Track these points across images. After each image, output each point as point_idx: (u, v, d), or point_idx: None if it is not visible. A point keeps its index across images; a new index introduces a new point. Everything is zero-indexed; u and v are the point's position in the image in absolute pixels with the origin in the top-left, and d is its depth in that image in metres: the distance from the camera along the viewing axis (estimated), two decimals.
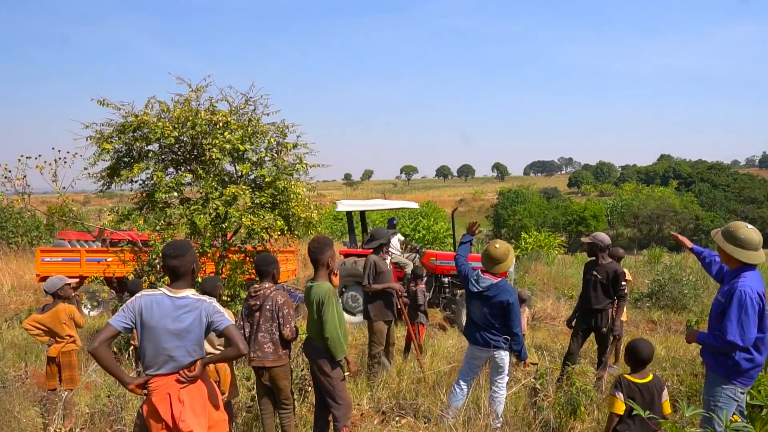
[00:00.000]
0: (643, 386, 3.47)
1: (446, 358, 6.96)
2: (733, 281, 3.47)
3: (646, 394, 3.45)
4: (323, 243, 4.09)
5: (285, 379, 4.23)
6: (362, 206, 10.70)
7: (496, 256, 4.64)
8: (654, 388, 3.48)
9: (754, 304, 3.35)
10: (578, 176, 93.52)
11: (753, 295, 3.37)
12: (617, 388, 3.49)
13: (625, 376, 3.56)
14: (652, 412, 3.17)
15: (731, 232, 3.61)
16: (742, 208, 47.94)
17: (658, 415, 3.34)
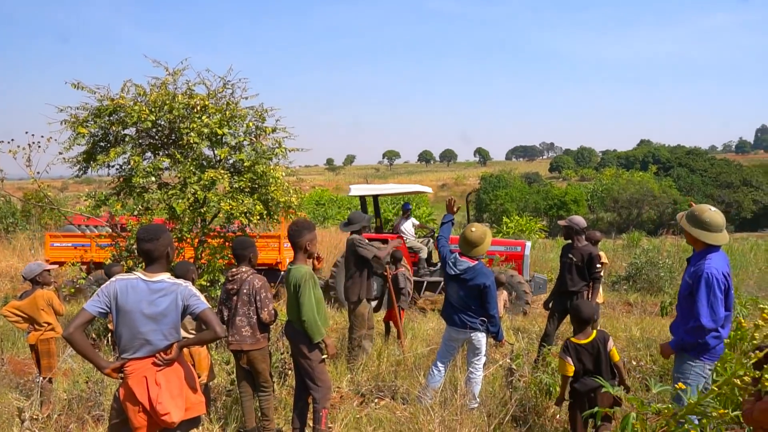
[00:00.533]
0: (588, 345, 3.84)
1: (426, 340, 7.04)
2: (700, 263, 3.55)
3: (592, 350, 3.83)
4: (302, 226, 4.11)
5: (263, 362, 4.25)
6: (375, 191, 10.75)
7: (473, 240, 4.68)
8: (598, 343, 3.84)
9: (720, 284, 3.44)
10: (559, 161, 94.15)
11: (719, 276, 3.46)
12: (565, 351, 3.87)
13: (571, 339, 3.92)
14: (600, 365, 3.74)
15: (696, 216, 3.68)
16: (718, 193, 48.70)
17: (606, 365, 3.79)
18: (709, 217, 3.62)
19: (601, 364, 3.83)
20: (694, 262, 3.65)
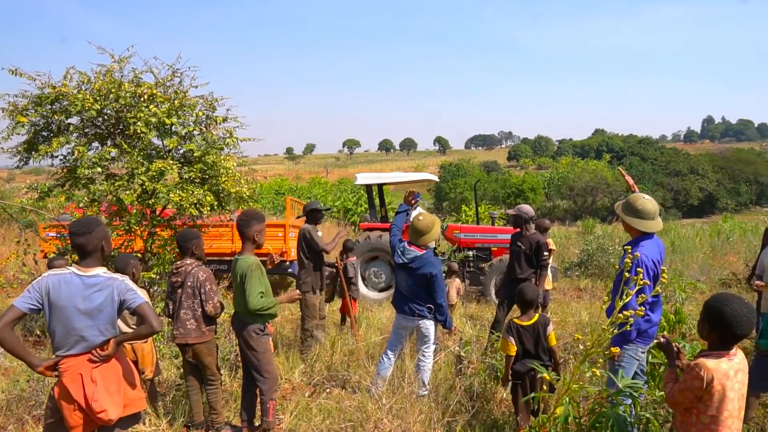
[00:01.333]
0: (530, 327, 4.04)
1: (380, 329, 7.08)
2: (632, 250, 3.66)
3: (533, 333, 4.03)
4: (250, 217, 4.09)
5: (209, 356, 4.21)
6: (381, 179, 10.69)
7: (420, 228, 4.72)
8: (539, 326, 4.05)
9: (649, 271, 3.55)
10: (518, 150, 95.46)
11: (648, 263, 3.57)
12: (509, 332, 4.05)
13: (514, 320, 4.09)
14: (539, 346, 3.97)
15: (630, 204, 3.80)
16: (668, 181, 50.26)
17: (544, 347, 4.02)
18: (641, 205, 3.73)
19: (539, 346, 4.04)
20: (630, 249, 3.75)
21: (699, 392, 2.45)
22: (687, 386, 2.48)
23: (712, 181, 51.66)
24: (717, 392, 2.42)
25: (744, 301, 2.53)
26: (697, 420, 2.50)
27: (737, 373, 2.48)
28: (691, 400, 2.49)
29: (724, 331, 2.47)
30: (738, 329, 2.44)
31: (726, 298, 2.53)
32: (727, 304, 2.48)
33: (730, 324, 2.44)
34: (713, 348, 2.54)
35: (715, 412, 2.45)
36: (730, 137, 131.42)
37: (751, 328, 2.52)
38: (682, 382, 2.51)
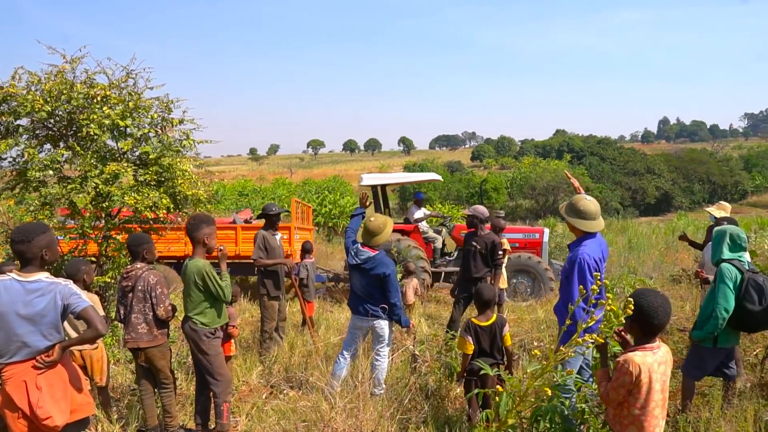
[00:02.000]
0: (487, 327, 4.13)
1: (339, 330, 7.12)
2: (576, 249, 3.79)
3: (489, 333, 4.12)
4: (198, 221, 4.09)
5: (162, 359, 4.19)
6: (386, 179, 10.74)
7: (372, 229, 4.79)
8: (496, 326, 4.14)
9: (591, 269, 3.68)
10: (481, 150, 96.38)
11: (591, 261, 3.70)
12: (467, 331, 4.14)
13: (473, 320, 4.18)
14: (494, 346, 4.07)
15: (573, 205, 3.93)
16: (626, 180, 51.49)
17: (499, 346, 4.12)
18: (583, 206, 3.87)
19: (495, 345, 4.13)
20: (572, 248, 3.89)
21: (629, 386, 2.59)
22: (619, 383, 2.62)
23: (667, 181, 53.11)
24: (644, 384, 2.57)
25: (659, 293, 2.72)
26: (628, 413, 2.64)
27: (661, 365, 2.63)
28: (624, 395, 2.63)
29: (644, 322, 2.63)
30: (655, 319, 2.61)
31: (642, 292, 2.71)
32: (643, 297, 2.66)
33: (648, 315, 2.61)
34: (638, 342, 2.68)
35: (643, 403, 2.60)
36: (684, 138, 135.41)
37: (667, 317, 2.69)
38: (614, 379, 2.64)
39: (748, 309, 3.99)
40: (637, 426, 2.63)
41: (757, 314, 3.98)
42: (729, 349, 4.25)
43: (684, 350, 5.71)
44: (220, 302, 4.08)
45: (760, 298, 3.98)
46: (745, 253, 4.22)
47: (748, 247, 11.19)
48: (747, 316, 4.01)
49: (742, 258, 4.18)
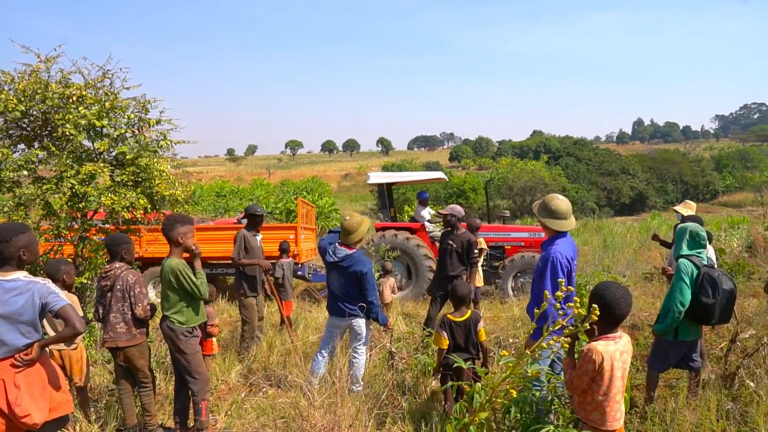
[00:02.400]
0: (462, 323, 4.26)
1: (318, 329, 7.17)
2: (548, 248, 3.90)
3: (464, 328, 4.25)
4: (173, 220, 4.14)
5: (141, 358, 4.22)
6: (393, 178, 10.86)
7: (347, 227, 4.87)
8: (470, 322, 4.28)
9: (563, 267, 3.80)
10: (459, 151, 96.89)
11: (562, 260, 3.81)
12: (442, 327, 4.27)
13: (448, 316, 4.31)
14: (469, 341, 4.20)
15: (545, 204, 4.04)
16: (601, 180, 52.22)
17: (473, 342, 4.25)
18: (555, 205, 3.98)
19: (470, 341, 4.25)
20: (545, 248, 4.00)
21: (593, 374, 2.73)
22: (582, 370, 2.75)
23: (642, 181, 53.94)
24: (607, 372, 2.70)
25: (620, 286, 2.86)
26: (592, 399, 2.78)
27: (622, 354, 2.77)
28: (587, 383, 2.76)
29: (606, 313, 2.77)
30: (616, 309, 2.74)
31: (604, 285, 2.86)
32: (605, 289, 2.80)
33: (609, 305, 2.74)
34: (601, 332, 2.81)
35: (606, 390, 2.74)
36: (658, 139, 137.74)
37: (627, 308, 2.83)
38: (579, 367, 2.78)
39: (703, 302, 4.17)
40: (599, 411, 2.76)
41: (711, 307, 4.16)
42: (691, 342, 4.41)
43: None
44: (196, 301, 4.12)
45: (713, 291, 4.15)
46: (704, 250, 4.40)
47: (718, 245, 11.45)
48: (702, 309, 4.19)
49: (700, 254, 4.36)
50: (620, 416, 2.82)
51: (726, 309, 4.23)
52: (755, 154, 67.57)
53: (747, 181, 52.82)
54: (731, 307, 4.29)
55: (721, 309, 4.17)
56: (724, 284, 4.17)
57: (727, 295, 4.19)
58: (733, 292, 4.26)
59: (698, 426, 3.99)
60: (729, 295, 4.20)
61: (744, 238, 14.91)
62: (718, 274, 4.21)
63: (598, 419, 2.79)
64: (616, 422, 2.80)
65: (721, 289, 4.13)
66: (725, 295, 4.17)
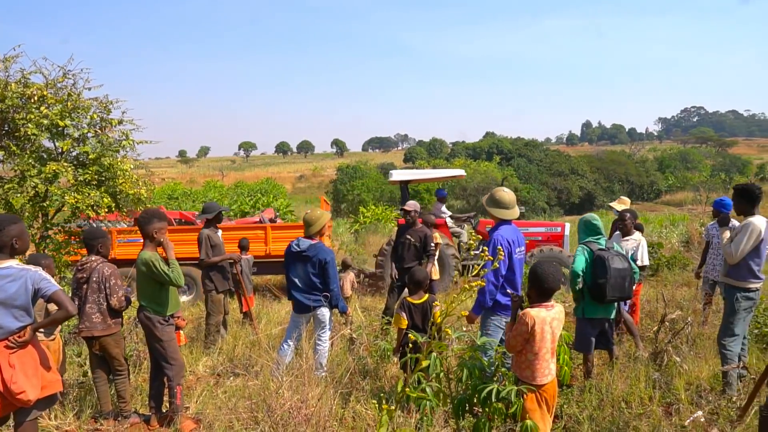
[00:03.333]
0: (419, 305, 4.63)
1: (280, 323, 7.43)
2: (493, 233, 4.38)
3: (422, 310, 4.62)
4: (151, 215, 4.38)
5: (116, 347, 4.43)
6: (413, 176, 11.19)
7: (307, 220, 5.22)
8: (427, 305, 4.64)
9: (504, 249, 4.27)
10: (413, 152, 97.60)
11: (503, 242, 4.30)
12: (401, 308, 4.63)
13: (407, 298, 4.67)
14: (426, 322, 4.52)
15: (491, 195, 4.56)
16: (551, 180, 53.76)
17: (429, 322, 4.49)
18: (499, 196, 4.51)
19: (427, 321, 4.61)
20: (491, 233, 4.46)
21: (526, 335, 3.16)
22: (517, 332, 3.19)
23: (590, 181, 55.76)
24: (537, 333, 3.14)
25: (551, 264, 3.35)
26: (525, 359, 3.23)
27: (553, 320, 3.23)
28: (521, 343, 3.20)
29: (538, 284, 3.23)
30: (545, 282, 3.20)
31: (539, 262, 3.35)
32: (539, 265, 3.27)
33: (539, 278, 3.20)
34: (535, 301, 3.27)
35: (536, 350, 3.17)
36: (605, 140, 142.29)
37: (555, 281, 3.25)
38: (514, 329, 3.23)
39: (597, 282, 4.67)
40: (531, 369, 3.22)
41: (603, 285, 4.64)
42: (600, 321, 4.87)
43: None
44: (170, 290, 4.36)
45: (604, 271, 4.62)
46: (600, 237, 4.90)
47: (659, 240, 12.13)
48: (597, 287, 4.68)
49: (598, 240, 4.88)
50: (548, 373, 3.27)
51: (619, 286, 4.65)
52: (695, 156, 70.83)
53: (687, 181, 55.26)
54: (625, 284, 4.68)
55: (614, 286, 4.61)
56: (614, 264, 4.62)
57: (619, 273, 4.63)
58: (625, 270, 4.68)
59: (629, 394, 4.48)
60: (620, 273, 4.64)
61: (682, 234, 15.86)
62: (608, 255, 4.68)
63: (530, 375, 3.25)
64: (544, 378, 3.25)
65: (611, 268, 4.60)
66: (616, 274, 4.61)
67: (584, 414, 4.19)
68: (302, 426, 3.77)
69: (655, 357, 5.40)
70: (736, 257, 4.58)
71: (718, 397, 4.52)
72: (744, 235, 4.53)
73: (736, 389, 4.57)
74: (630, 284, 4.71)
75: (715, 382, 4.82)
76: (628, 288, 4.68)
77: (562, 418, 4.31)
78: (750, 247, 4.52)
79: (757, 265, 4.59)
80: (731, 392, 4.53)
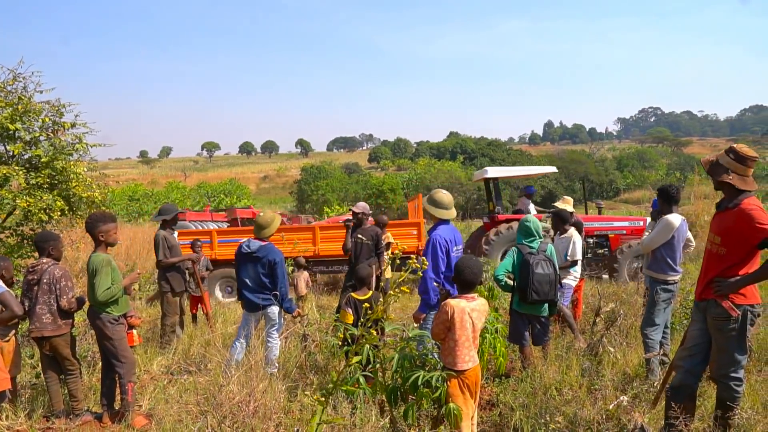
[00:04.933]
0: (364, 301, 4.81)
1: (236, 322, 7.57)
2: (431, 232, 4.67)
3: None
4: (96, 219, 4.51)
5: (66, 347, 4.53)
6: (508, 173, 11.55)
7: (260, 223, 5.39)
8: (372, 300, 4.82)
9: (441, 247, 4.58)
10: (378, 152, 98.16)
11: (441, 241, 4.60)
12: (347, 304, 4.85)
13: (352, 295, 4.90)
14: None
15: (431, 196, 4.86)
16: (514, 179, 54.68)
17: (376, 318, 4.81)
18: (438, 197, 4.80)
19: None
20: (430, 233, 4.74)
21: (447, 324, 3.43)
22: (439, 320, 3.46)
23: (551, 180, 56.90)
24: (457, 322, 3.42)
25: (472, 259, 3.64)
26: (447, 346, 3.49)
27: (473, 311, 3.50)
28: (444, 331, 3.46)
29: (458, 277, 3.51)
30: (462, 275, 3.49)
31: (463, 257, 3.66)
32: (462, 260, 3.58)
33: (458, 271, 3.48)
34: (459, 293, 3.54)
35: (456, 337, 3.43)
36: (566, 140, 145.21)
37: (473, 276, 3.52)
38: (436, 318, 3.49)
39: (521, 283, 5.01)
40: (452, 355, 3.47)
41: (524, 287, 4.97)
42: (529, 315, 5.16)
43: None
44: (116, 290, 4.49)
45: (526, 275, 4.95)
46: (534, 239, 5.17)
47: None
48: (521, 289, 5.02)
49: (531, 243, 5.16)
50: (469, 359, 3.51)
51: (541, 290, 4.95)
52: (652, 155, 72.94)
53: (645, 179, 56.83)
54: (546, 289, 4.98)
55: (535, 290, 4.93)
56: (537, 269, 4.94)
57: (542, 278, 4.94)
58: (547, 276, 4.97)
59: (561, 382, 4.78)
60: (542, 278, 4.94)
61: None
62: (535, 260, 4.99)
63: (452, 362, 3.50)
64: (465, 364, 3.50)
65: (533, 272, 4.92)
66: (538, 278, 4.92)
67: (517, 402, 4.47)
68: (249, 418, 3.95)
69: (591, 348, 5.73)
70: (645, 248, 5.06)
71: (642, 382, 4.85)
72: (657, 229, 4.97)
73: (658, 375, 4.92)
74: (553, 288, 5.01)
75: (641, 370, 5.17)
76: (550, 291, 4.99)
77: (498, 406, 4.59)
78: (661, 240, 4.91)
79: (673, 259, 4.96)
80: (653, 378, 4.88)
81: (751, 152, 3.55)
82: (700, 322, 3.73)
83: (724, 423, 3.52)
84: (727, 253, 3.51)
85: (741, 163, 3.52)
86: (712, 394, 4.17)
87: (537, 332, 5.22)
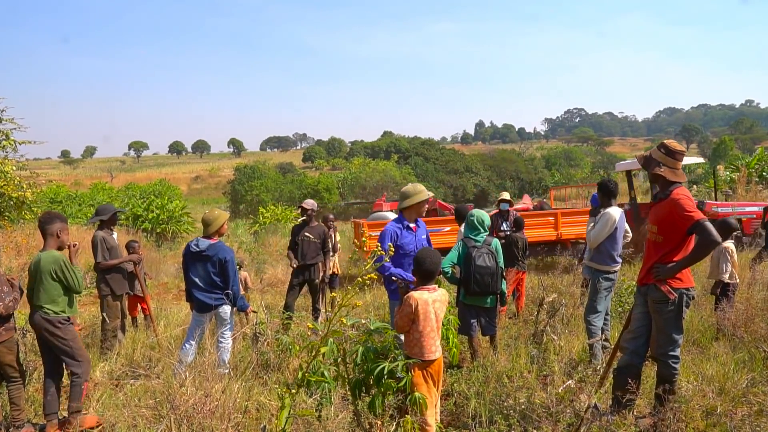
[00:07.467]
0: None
1: (179, 324, 7.38)
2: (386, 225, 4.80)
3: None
4: (52, 216, 4.40)
5: (9, 354, 4.30)
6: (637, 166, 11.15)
7: (206, 220, 5.34)
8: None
9: (391, 236, 4.82)
10: (312, 151, 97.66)
11: (392, 230, 4.84)
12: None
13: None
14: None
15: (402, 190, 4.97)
16: (447, 178, 55.72)
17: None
18: (404, 189, 5.04)
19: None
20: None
21: (411, 316, 3.50)
22: (403, 313, 3.53)
23: (483, 178, 58.33)
24: (421, 313, 3.50)
25: (432, 251, 3.73)
26: (413, 337, 3.57)
27: (435, 302, 3.60)
28: (408, 324, 3.54)
29: (418, 268, 3.60)
30: (422, 265, 3.60)
31: (422, 249, 3.73)
32: (422, 251, 3.67)
33: (418, 262, 3.58)
34: (419, 285, 3.62)
35: (421, 328, 3.52)
36: (497, 139, 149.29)
37: (432, 266, 3.61)
38: (401, 310, 3.56)
39: (463, 275, 5.23)
40: (419, 346, 3.55)
41: (466, 279, 5.19)
42: (475, 308, 5.34)
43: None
44: (72, 293, 4.33)
45: (468, 267, 5.18)
46: (479, 232, 5.36)
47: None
48: (464, 280, 5.24)
49: (476, 236, 5.35)
50: (435, 349, 3.60)
51: (482, 282, 5.16)
52: (577, 154, 76.09)
53: (571, 177, 59.18)
54: (488, 281, 5.19)
55: (477, 282, 5.15)
56: (478, 261, 5.16)
57: (483, 270, 5.15)
58: (488, 268, 5.18)
59: (511, 370, 4.97)
60: (483, 271, 5.16)
61: None
62: (477, 253, 5.21)
63: (418, 352, 3.57)
64: (431, 354, 3.58)
65: (475, 265, 5.14)
66: (479, 271, 5.14)
67: (472, 390, 4.61)
68: (207, 419, 3.89)
69: (535, 336, 5.97)
70: (593, 243, 5.30)
71: (586, 366, 5.11)
72: (600, 223, 5.24)
73: (600, 359, 5.20)
74: (495, 280, 5.21)
75: (585, 355, 5.44)
76: (492, 284, 5.18)
77: (453, 395, 4.72)
78: (606, 234, 5.20)
79: (615, 250, 5.27)
80: (596, 362, 5.15)
81: (680, 147, 3.94)
82: (642, 305, 3.99)
83: (665, 397, 3.77)
84: (664, 240, 3.79)
85: (671, 156, 3.88)
86: (651, 373, 4.46)
87: (484, 323, 5.38)
